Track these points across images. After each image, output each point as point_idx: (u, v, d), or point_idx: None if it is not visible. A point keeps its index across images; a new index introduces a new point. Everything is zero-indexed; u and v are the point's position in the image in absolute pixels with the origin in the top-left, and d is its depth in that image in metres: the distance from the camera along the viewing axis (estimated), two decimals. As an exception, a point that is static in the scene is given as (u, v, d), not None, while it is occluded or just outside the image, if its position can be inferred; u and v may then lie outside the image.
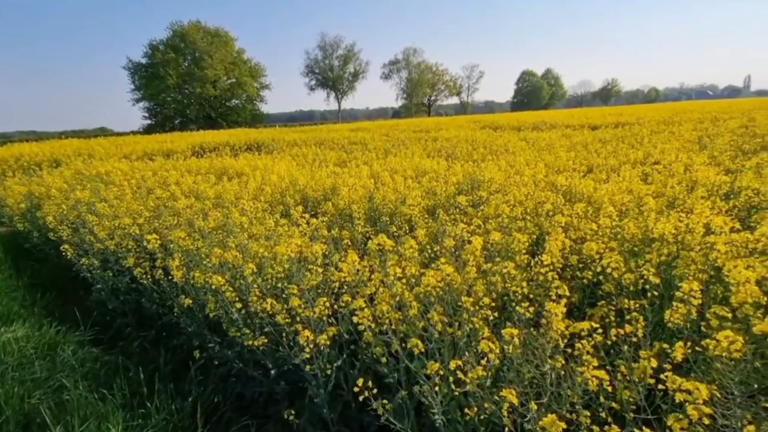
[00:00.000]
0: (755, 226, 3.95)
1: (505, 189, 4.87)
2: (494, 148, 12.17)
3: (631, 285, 2.89)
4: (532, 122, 23.95)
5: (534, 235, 3.88)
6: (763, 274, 2.44)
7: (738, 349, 1.95)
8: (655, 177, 6.55)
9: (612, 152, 10.04)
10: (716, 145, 10.25)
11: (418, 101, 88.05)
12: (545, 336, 2.23)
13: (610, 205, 3.72)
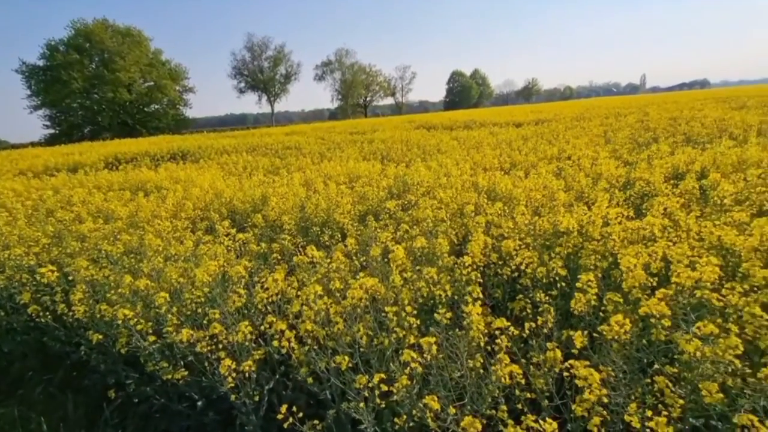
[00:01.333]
0: (646, 213, 4.50)
1: (433, 191, 5.03)
2: (427, 149, 12.55)
3: (544, 278, 3.13)
4: (463, 121, 25.05)
5: (460, 235, 4.06)
6: (647, 259, 2.78)
7: (627, 331, 2.19)
8: (567, 171, 7.19)
9: (532, 149, 10.83)
10: (618, 139, 11.51)
11: (353, 102, 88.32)
12: (466, 337, 2.33)
13: (523, 204, 3.99)
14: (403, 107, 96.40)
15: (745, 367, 1.90)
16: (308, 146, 14.41)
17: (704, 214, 4.40)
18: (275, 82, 78.19)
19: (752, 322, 2.23)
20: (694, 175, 5.71)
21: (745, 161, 6.53)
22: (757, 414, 1.78)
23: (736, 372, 1.88)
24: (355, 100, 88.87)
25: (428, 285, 2.71)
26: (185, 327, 2.79)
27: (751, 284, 2.58)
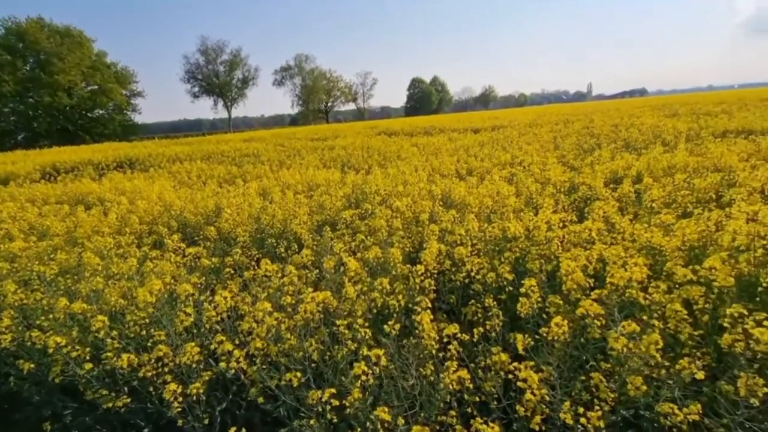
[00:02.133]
0: (588, 216, 4.81)
1: (390, 200, 5.10)
2: (388, 155, 12.68)
3: (494, 282, 3.26)
4: (424, 127, 25.52)
5: (416, 243, 4.15)
6: (584, 262, 2.97)
7: (565, 332, 2.34)
8: (519, 177, 7.54)
9: (488, 155, 11.25)
10: (565, 145, 12.22)
11: (314, 108, 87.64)
12: (419, 346, 2.38)
13: (475, 211, 4.14)
14: (365, 113, 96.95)
15: (664, 360, 2.08)
16: (267, 153, 14.11)
17: (638, 216, 4.78)
18: (232, 86, 75.89)
19: (674, 317, 2.45)
20: (630, 180, 6.18)
21: (674, 166, 7.15)
22: (676, 402, 1.96)
23: (658, 365, 2.05)
24: (317, 105, 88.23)
25: (382, 295, 2.74)
26: (129, 351, 2.65)
27: (674, 282, 2.84)
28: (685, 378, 2.01)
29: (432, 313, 3.47)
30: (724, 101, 24.83)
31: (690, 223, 3.72)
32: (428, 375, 2.17)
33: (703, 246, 3.50)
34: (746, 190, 5.05)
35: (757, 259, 2.95)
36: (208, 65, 74.35)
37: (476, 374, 2.35)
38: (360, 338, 2.40)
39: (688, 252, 3.45)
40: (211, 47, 73.83)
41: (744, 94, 36.79)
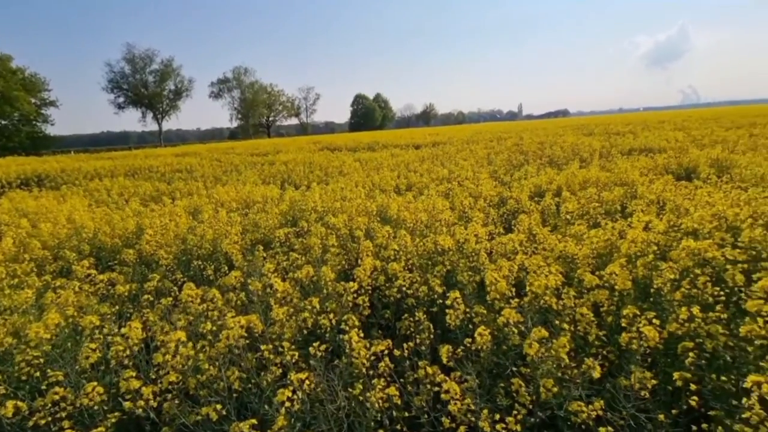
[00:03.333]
0: (514, 228, 5.15)
1: (327, 217, 5.05)
2: (330, 171, 12.64)
3: (426, 296, 3.35)
4: (367, 143, 25.86)
5: (353, 259, 4.14)
6: (506, 272, 3.16)
7: (487, 341, 2.45)
8: (455, 192, 7.89)
9: (427, 170, 11.66)
10: (497, 161, 13.05)
11: (255, 122, 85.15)
12: (349, 367, 2.36)
13: (409, 226, 4.24)
14: (309, 128, 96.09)
15: (573, 361, 2.26)
16: (201, 169, 13.39)
17: (556, 227, 5.21)
18: (163, 98, 71.26)
19: (582, 320, 2.68)
20: (551, 194, 6.74)
21: (588, 180, 7.93)
22: (583, 400, 2.13)
23: (567, 366, 2.22)
24: (257, 119, 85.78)
25: (312, 315, 2.68)
26: (19, 396, 2.32)
27: (584, 287, 3.12)
28: (589, 376, 2.19)
29: (367, 329, 3.48)
30: (630, 122, 28.08)
31: (598, 233, 4.13)
32: (357, 395, 2.15)
33: (608, 253, 3.89)
34: (644, 201, 5.74)
35: (650, 264, 3.33)
36: (135, 74, 69.15)
37: (406, 389, 2.37)
38: (288, 362, 2.32)
39: (596, 259, 3.82)
40: (138, 56, 68.98)
41: (646, 116, 42.01)
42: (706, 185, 6.74)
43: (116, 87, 68.71)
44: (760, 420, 1.67)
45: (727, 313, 2.50)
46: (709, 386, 2.13)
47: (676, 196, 5.77)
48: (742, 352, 2.16)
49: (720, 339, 2.35)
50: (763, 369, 2.01)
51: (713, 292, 2.72)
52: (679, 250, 3.34)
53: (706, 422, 1.97)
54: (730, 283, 2.81)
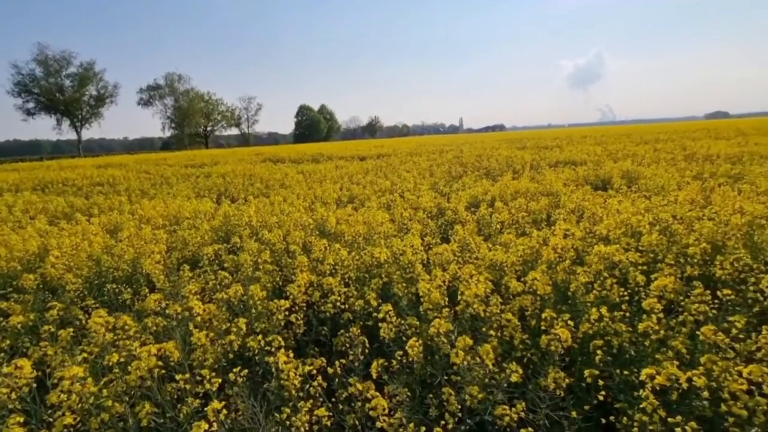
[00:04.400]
0: (451, 238, 5.32)
1: (262, 232, 4.86)
2: (271, 183, 12.26)
3: (362, 310, 3.32)
4: (312, 154, 25.55)
5: (289, 275, 4.00)
6: (438, 283, 3.24)
7: (419, 352, 2.48)
8: (397, 202, 8.01)
9: (370, 182, 11.75)
10: (438, 173, 13.52)
11: (191, 131, 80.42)
12: (280, 391, 2.25)
13: (344, 241, 4.20)
14: (251, 138, 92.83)
15: (497, 367, 2.35)
16: (126, 182, 12.32)
17: (490, 236, 5.48)
18: (82, 104, 64.69)
19: (508, 326, 2.82)
20: (486, 204, 7.09)
21: (519, 191, 8.47)
22: (506, 403, 2.21)
23: (491, 372, 2.30)
24: (194, 129, 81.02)
25: (238, 337, 2.54)
26: None
27: (511, 293, 3.29)
28: (514, 380, 2.29)
29: (302, 347, 3.37)
30: (558, 137, 30.55)
31: (525, 241, 4.40)
32: (284, 419, 2.05)
33: (534, 260, 4.15)
34: (566, 210, 6.24)
35: (568, 268, 3.60)
36: (49, 78, 62.11)
37: (337, 408, 2.31)
38: (210, 390, 2.16)
39: (523, 266, 4.06)
40: (53, 57, 62.19)
41: (571, 132, 46.01)
42: (618, 194, 7.50)
43: (24, 91, 61.22)
44: (654, 409, 1.85)
45: (630, 311, 2.77)
46: (616, 380, 2.32)
47: (593, 204, 6.35)
48: (641, 346, 2.39)
49: (625, 336, 2.58)
50: (659, 361, 2.24)
51: (619, 292, 3.00)
52: (593, 255, 3.66)
53: (614, 415, 2.14)
54: (632, 283, 3.12)
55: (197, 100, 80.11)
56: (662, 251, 3.74)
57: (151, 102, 77.54)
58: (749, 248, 3.99)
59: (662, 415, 1.82)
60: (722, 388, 1.94)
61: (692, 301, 2.61)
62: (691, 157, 12.69)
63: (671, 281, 2.80)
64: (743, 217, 4.69)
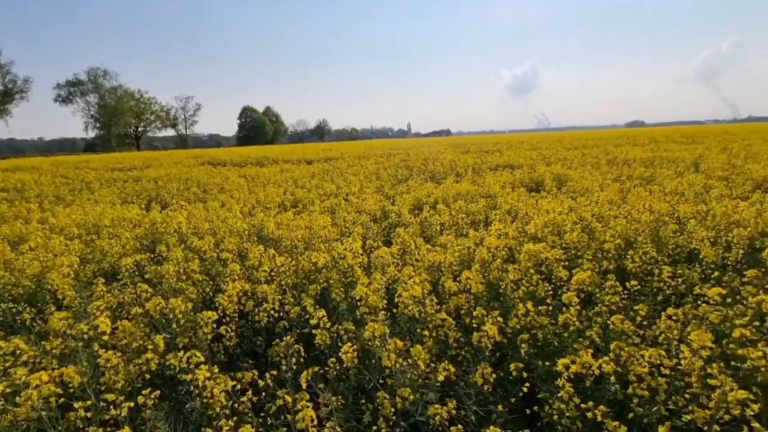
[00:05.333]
0: (393, 240, 5.35)
1: (191, 239, 4.55)
2: (209, 188, 11.61)
3: (298, 318, 3.22)
4: (255, 157, 24.64)
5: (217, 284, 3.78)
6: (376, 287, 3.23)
7: (353, 357, 2.44)
8: (341, 206, 7.93)
9: (316, 186, 11.54)
10: (384, 176, 13.64)
11: (120, 132, 73.61)
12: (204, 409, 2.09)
13: (284, 248, 4.07)
14: (189, 140, 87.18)
15: (431, 366, 2.38)
16: (39, 187, 11.00)
17: (431, 238, 5.60)
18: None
19: (443, 326, 2.87)
20: (429, 206, 7.25)
21: (460, 194, 8.77)
22: (439, 402, 2.24)
23: (424, 373, 2.33)
24: (122, 129, 74.23)
25: (156, 355, 2.33)
26: None
27: (447, 293, 3.36)
28: (444, 379, 2.33)
29: (234, 360, 3.18)
30: (499, 142, 32.14)
31: (462, 241, 4.54)
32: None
33: (470, 260, 4.29)
34: (502, 211, 6.56)
35: (500, 267, 3.76)
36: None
37: (266, 423, 2.20)
38: (119, 417, 1.94)
39: (460, 266, 4.18)
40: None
41: (510, 137, 48.77)
42: (549, 196, 8.04)
43: None
44: (570, 396, 1.96)
45: (554, 305, 2.94)
46: (538, 372, 2.44)
47: (526, 205, 6.73)
48: (563, 338, 2.55)
49: (550, 328, 2.74)
50: (577, 351, 2.39)
51: (544, 288, 3.18)
52: (523, 253, 3.86)
53: (539, 405, 2.25)
54: (556, 279, 3.32)
55: (126, 98, 73.55)
56: (583, 247, 4.04)
57: (70, 99, 70.03)
58: (655, 243, 4.44)
59: (577, 402, 1.94)
60: (628, 372, 2.11)
61: (606, 292, 2.83)
62: (612, 162, 13.94)
63: (588, 275, 3.02)
64: (652, 214, 5.23)
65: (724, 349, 2.43)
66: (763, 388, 2.09)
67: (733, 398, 1.88)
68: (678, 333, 2.36)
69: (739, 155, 13.24)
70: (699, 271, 3.74)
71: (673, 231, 4.53)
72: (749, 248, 4.30)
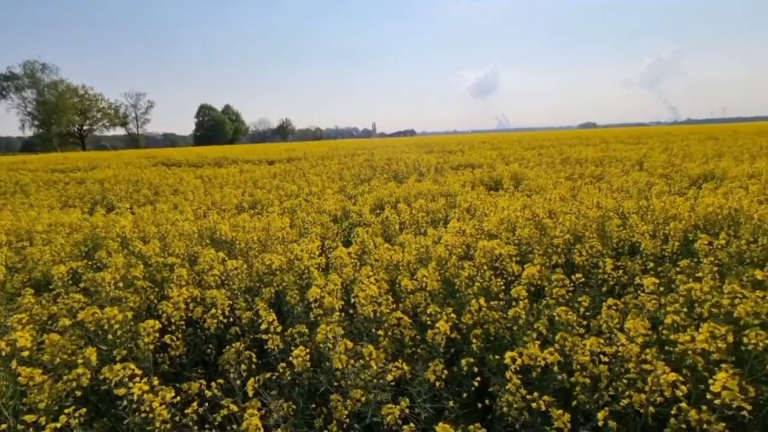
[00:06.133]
0: (353, 240, 5.31)
1: (134, 244, 4.27)
2: (162, 189, 11.03)
3: (250, 322, 3.10)
4: (214, 158, 23.74)
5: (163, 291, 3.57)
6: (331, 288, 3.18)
7: (304, 361, 2.38)
8: (303, 206, 7.77)
9: (276, 186, 11.25)
10: (347, 176, 13.55)
11: (62, 130, 68.15)
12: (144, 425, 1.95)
13: (239, 250, 3.91)
14: (142, 140, 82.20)
15: (382, 367, 2.36)
16: (-37, 191, 9.98)
17: (390, 238, 5.60)
18: None
19: (399, 325, 2.86)
20: (390, 206, 7.26)
21: (421, 193, 8.86)
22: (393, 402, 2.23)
23: (377, 373, 2.30)
24: (65, 128, 68.75)
25: (88, 369, 2.15)
26: None
27: (404, 291, 3.36)
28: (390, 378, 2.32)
29: (182, 371, 3.02)
30: (461, 142, 32.85)
31: (420, 240, 4.57)
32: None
33: (428, 258, 4.33)
34: (460, 210, 6.68)
35: (456, 264, 3.82)
36: None
37: None
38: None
39: (419, 264, 4.21)
40: None
41: (473, 138, 50.06)
42: (506, 194, 8.29)
43: None
44: (517, 388, 2.01)
45: (506, 299, 3.02)
46: (488, 365, 2.49)
47: (484, 203, 6.91)
48: (512, 331, 2.61)
49: (501, 323, 2.80)
50: (526, 343, 2.45)
51: (497, 283, 3.26)
52: (478, 250, 3.94)
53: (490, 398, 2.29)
54: (508, 274, 3.42)
55: (69, 94, 68.07)
56: (534, 243, 4.19)
57: (3, 95, 64.16)
58: (601, 237, 4.68)
59: (523, 394, 1.99)
60: (572, 361, 2.20)
61: (553, 286, 2.93)
62: (566, 161, 14.63)
63: (538, 269, 3.12)
64: (600, 210, 5.52)
65: (660, 336, 2.59)
66: (691, 369, 2.24)
67: (664, 381, 2.00)
68: (618, 322, 2.48)
69: (678, 154, 14.33)
70: (640, 263, 3.98)
71: (617, 225, 4.79)
72: (684, 240, 4.64)
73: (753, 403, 2.06)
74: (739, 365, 2.37)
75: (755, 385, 2.31)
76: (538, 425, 2.14)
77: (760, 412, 2.25)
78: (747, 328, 2.41)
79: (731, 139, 20.57)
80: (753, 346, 2.25)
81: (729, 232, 4.56)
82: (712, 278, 3.17)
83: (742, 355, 2.42)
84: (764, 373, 2.38)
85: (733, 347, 2.38)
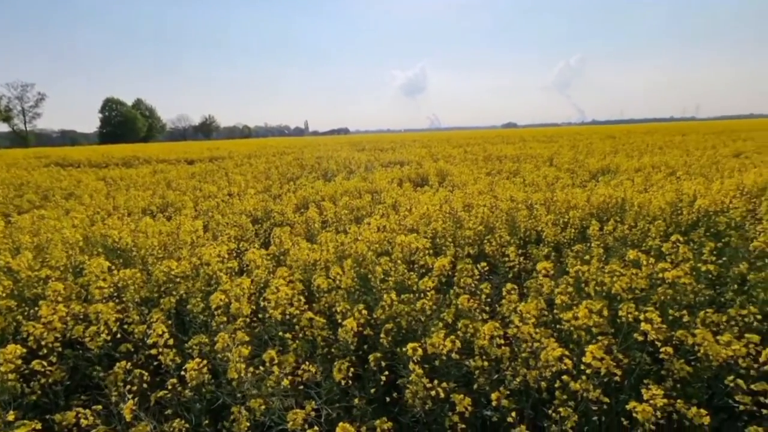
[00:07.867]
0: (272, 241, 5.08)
1: (4, 254, 3.63)
2: (52, 193, 9.64)
3: (144, 336, 2.79)
4: (122, 157, 21.43)
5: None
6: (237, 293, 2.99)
7: (197, 375, 2.19)
8: (222, 208, 7.28)
9: (193, 187, 10.42)
10: (274, 175, 13.03)
11: None
12: None
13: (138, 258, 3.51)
14: (31, 137, 70.86)
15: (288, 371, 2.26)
16: None
17: (313, 236, 5.47)
18: None
19: (311, 326, 2.77)
20: (315, 204, 7.10)
21: (348, 190, 8.81)
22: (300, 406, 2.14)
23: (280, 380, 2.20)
24: None
25: None
26: None
27: (320, 290, 3.27)
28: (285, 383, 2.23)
29: (58, 399, 2.62)
30: (393, 141, 33.37)
31: (340, 237, 4.51)
32: None
33: (348, 255, 4.28)
34: (385, 206, 6.75)
35: (374, 260, 3.82)
36: None
37: None
38: None
39: (338, 262, 4.14)
40: None
41: (405, 136, 51.11)
42: (431, 189, 8.55)
43: None
44: (419, 378, 2.03)
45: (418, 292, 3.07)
46: (401, 357, 2.51)
47: (408, 199, 7.05)
48: (421, 323, 2.66)
49: (412, 315, 2.84)
50: (430, 332, 2.51)
51: (411, 277, 3.31)
52: (396, 245, 3.98)
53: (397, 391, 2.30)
54: (419, 267, 3.49)
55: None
56: (450, 235, 4.35)
57: None
58: (510, 227, 5.02)
59: (425, 383, 2.02)
60: (473, 346, 2.29)
61: (460, 275, 3.05)
62: (488, 158, 15.53)
63: (448, 261, 3.23)
64: (512, 203, 5.91)
65: (554, 315, 2.82)
66: (577, 344, 2.46)
67: (552, 356, 2.16)
68: (516, 306, 2.65)
69: (582, 151, 15.98)
70: (545, 250, 4.33)
71: (525, 216, 5.17)
72: (581, 227, 5.15)
73: (625, 368, 2.32)
74: (616, 336, 2.66)
75: (629, 353, 2.61)
76: (446, 411, 2.19)
77: (632, 375, 2.54)
78: (623, 302, 2.71)
79: (626, 138, 23.50)
80: (626, 318, 2.54)
81: (616, 219, 5.16)
82: (598, 260, 3.53)
83: (620, 327, 2.72)
84: (635, 341, 2.69)
85: (611, 320, 2.67)
